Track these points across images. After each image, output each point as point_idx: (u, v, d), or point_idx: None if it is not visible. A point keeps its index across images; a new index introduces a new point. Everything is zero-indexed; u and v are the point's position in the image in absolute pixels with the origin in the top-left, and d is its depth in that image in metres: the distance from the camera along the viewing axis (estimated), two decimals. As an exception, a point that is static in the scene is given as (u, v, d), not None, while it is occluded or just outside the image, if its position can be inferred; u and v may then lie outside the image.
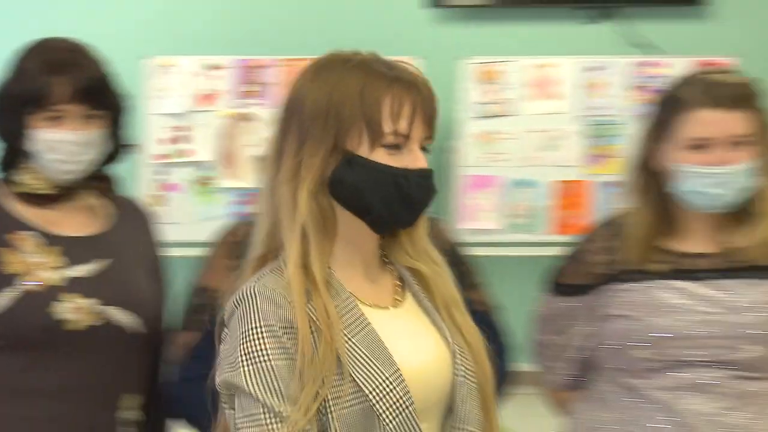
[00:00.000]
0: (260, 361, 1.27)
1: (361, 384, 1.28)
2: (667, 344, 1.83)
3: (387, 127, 1.31)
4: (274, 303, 1.28)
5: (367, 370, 1.29)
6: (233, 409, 1.30)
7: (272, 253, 1.35)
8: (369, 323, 1.32)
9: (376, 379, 1.28)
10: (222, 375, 1.30)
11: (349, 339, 1.29)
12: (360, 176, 1.31)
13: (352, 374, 1.27)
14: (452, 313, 1.42)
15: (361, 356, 1.29)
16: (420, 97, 1.33)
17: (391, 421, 1.28)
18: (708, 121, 1.83)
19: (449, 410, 1.38)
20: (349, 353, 1.28)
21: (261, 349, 1.27)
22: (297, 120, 1.33)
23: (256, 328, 1.27)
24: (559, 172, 3.48)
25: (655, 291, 1.87)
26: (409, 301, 1.43)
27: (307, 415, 1.24)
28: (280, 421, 1.25)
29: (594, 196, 3.47)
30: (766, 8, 3.61)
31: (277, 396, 1.25)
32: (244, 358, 1.27)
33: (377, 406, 1.28)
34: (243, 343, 1.28)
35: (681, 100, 1.87)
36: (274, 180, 1.34)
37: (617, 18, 3.55)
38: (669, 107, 1.90)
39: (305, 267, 1.30)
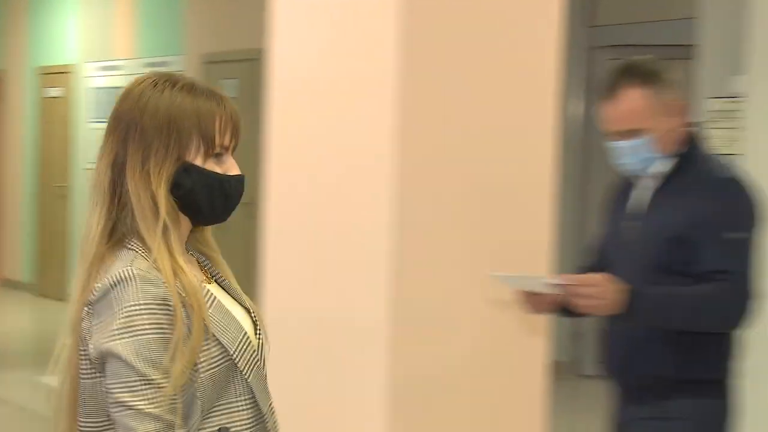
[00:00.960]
0: (137, 334, 1.53)
1: (226, 346, 1.60)
2: None
3: (218, 140, 1.64)
4: (151, 282, 1.55)
5: (228, 333, 1.62)
6: (105, 376, 1.54)
7: (117, 245, 1.61)
8: (214, 295, 1.65)
9: (235, 341, 1.62)
10: (98, 345, 1.53)
11: (207, 309, 1.60)
12: (196, 182, 1.64)
13: (218, 338, 1.59)
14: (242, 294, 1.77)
15: (220, 323, 1.61)
16: (229, 113, 1.66)
17: (248, 374, 1.63)
18: None
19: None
20: (212, 321, 1.59)
21: (138, 324, 1.53)
22: (136, 133, 1.61)
23: (135, 303, 1.53)
24: None
25: None
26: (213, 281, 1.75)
27: (176, 384, 1.52)
28: (152, 388, 1.52)
29: None
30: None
31: (150, 365, 1.52)
32: (123, 330, 1.52)
33: (239, 362, 1.62)
34: (122, 318, 1.53)
35: None
36: (115, 184, 1.62)
37: None
38: None
39: (169, 252, 1.57)
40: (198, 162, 1.65)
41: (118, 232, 1.62)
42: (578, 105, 7.44)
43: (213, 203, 1.68)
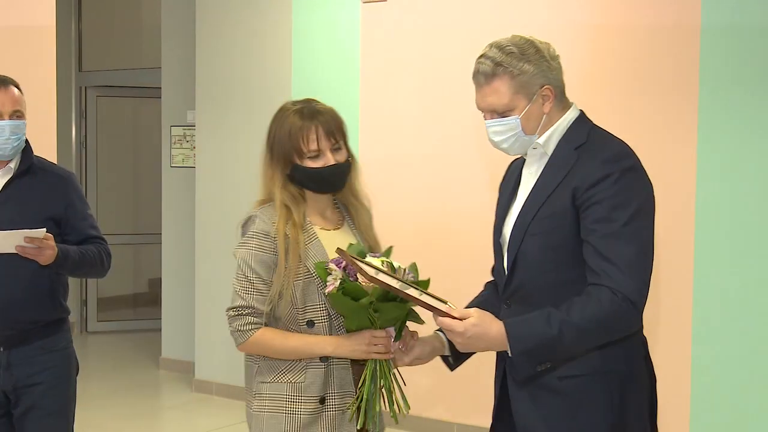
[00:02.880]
0: (246, 247, 2.45)
1: (309, 268, 2.41)
2: None
3: (305, 150, 2.45)
4: (263, 222, 2.46)
5: (315, 260, 2.42)
6: None
7: (265, 201, 2.53)
8: (317, 237, 2.47)
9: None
10: (236, 249, 2.49)
11: (306, 245, 2.45)
12: (300, 174, 2.47)
13: (305, 263, 2.41)
14: (367, 225, 2.61)
15: (309, 252, 2.42)
16: (320, 124, 2.45)
17: (322, 287, 2.39)
18: None
19: None
20: (305, 252, 2.42)
21: (249, 242, 2.45)
22: (270, 146, 2.51)
23: (252, 231, 2.47)
24: None
25: None
26: (345, 227, 2.59)
27: (274, 285, 2.40)
28: (246, 281, 2.43)
29: None
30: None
31: (248, 268, 2.43)
32: (241, 244, 2.47)
33: (315, 279, 2.41)
34: (243, 237, 2.47)
35: None
36: (264, 177, 2.54)
37: None
38: None
39: (289, 217, 2.45)
40: (299, 162, 2.45)
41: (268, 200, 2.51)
42: (72, 131, 8.52)
43: (316, 184, 2.48)
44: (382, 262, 2.34)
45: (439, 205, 5.37)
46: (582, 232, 2.15)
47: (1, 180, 3.10)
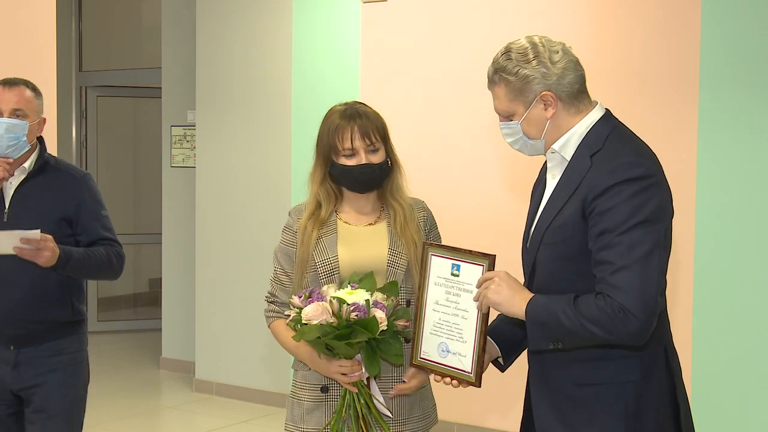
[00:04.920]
0: (280, 242, 2.67)
1: (316, 260, 2.58)
2: None
3: (340, 147, 2.57)
4: (291, 218, 2.67)
5: (321, 254, 2.59)
6: None
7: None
8: (335, 233, 2.61)
9: (324, 259, 2.58)
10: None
11: (320, 238, 2.60)
12: (336, 171, 2.61)
13: (314, 255, 2.59)
14: (405, 227, 2.65)
15: (322, 247, 2.60)
16: (357, 125, 2.57)
17: (323, 280, 2.54)
18: None
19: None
20: (317, 245, 2.59)
21: (282, 238, 2.67)
22: (316, 142, 2.66)
23: (284, 226, 2.68)
24: None
25: None
26: (381, 224, 2.68)
27: (292, 279, 2.61)
28: (274, 272, 2.65)
29: None
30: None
31: (275, 259, 2.66)
32: (281, 237, 2.68)
33: (319, 271, 2.58)
34: (281, 232, 2.68)
35: None
36: (311, 172, 2.69)
37: None
38: None
39: (317, 211, 2.64)
40: (336, 159, 2.59)
41: None
42: (72, 131, 8.53)
43: (348, 182, 2.61)
44: (331, 299, 2.40)
45: (439, 205, 5.32)
46: (589, 243, 2.13)
47: (16, 179, 3.15)
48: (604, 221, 2.08)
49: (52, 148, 3.77)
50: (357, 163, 2.57)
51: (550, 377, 2.25)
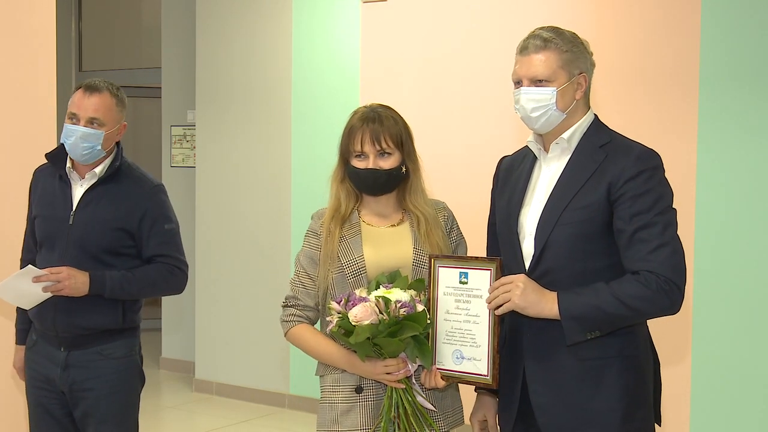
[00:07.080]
0: (303, 245, 2.65)
1: (341, 260, 2.55)
2: None
3: (352, 149, 2.59)
4: (313, 221, 2.66)
5: (347, 255, 2.57)
6: None
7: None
8: (359, 234, 2.60)
9: (350, 259, 2.56)
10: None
11: (344, 238, 2.59)
12: (349, 172, 2.63)
13: (339, 256, 2.56)
14: (429, 233, 2.61)
15: (347, 247, 2.58)
16: (369, 129, 2.58)
17: (350, 280, 2.53)
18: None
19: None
20: (341, 245, 2.58)
21: (305, 240, 2.65)
22: (339, 142, 2.65)
23: (308, 230, 2.67)
24: None
25: None
26: (404, 225, 2.65)
27: (315, 282, 2.59)
28: (295, 275, 2.63)
29: None
30: None
31: (299, 263, 2.64)
32: (303, 242, 2.65)
33: (346, 271, 2.55)
34: (305, 235, 2.66)
35: None
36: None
37: None
38: None
39: (338, 209, 2.64)
40: (350, 161, 2.61)
41: None
42: None
43: (356, 184, 2.63)
44: (376, 298, 2.41)
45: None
46: (618, 224, 2.28)
47: (87, 183, 3.11)
48: (639, 204, 2.26)
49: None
50: (365, 166, 2.60)
51: (552, 356, 2.35)
